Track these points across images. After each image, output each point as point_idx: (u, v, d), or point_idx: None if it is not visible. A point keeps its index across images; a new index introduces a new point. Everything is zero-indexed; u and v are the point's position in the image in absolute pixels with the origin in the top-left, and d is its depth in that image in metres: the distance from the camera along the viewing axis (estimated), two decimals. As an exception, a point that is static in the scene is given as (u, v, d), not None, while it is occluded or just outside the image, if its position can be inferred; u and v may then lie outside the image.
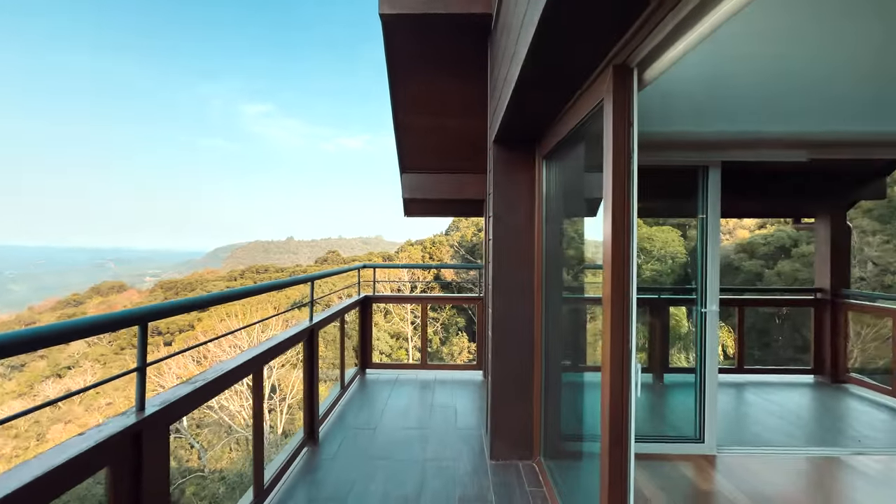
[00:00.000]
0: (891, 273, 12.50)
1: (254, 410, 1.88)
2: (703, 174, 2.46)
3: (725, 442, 2.57)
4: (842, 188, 3.82)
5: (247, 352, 1.89)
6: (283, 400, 15.62)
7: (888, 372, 3.38)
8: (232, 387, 2.86)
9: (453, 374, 4.08)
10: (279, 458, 2.28)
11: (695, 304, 2.52)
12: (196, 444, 15.63)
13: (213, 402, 14.00)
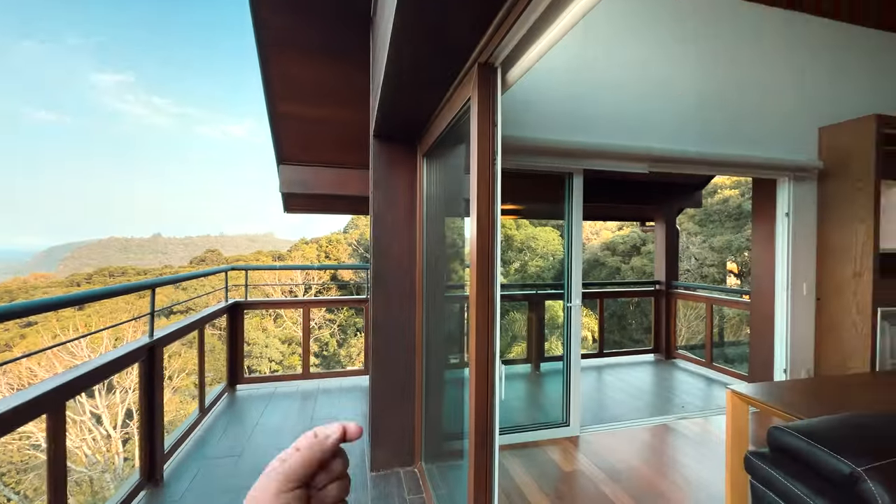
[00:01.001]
0: (706, 266, 15.74)
1: (48, 463, 1.44)
2: (569, 180, 2.68)
3: (587, 422, 2.87)
4: (673, 197, 4.61)
5: (35, 386, 1.43)
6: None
7: (703, 347, 4.18)
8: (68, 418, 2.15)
9: (340, 381, 3.84)
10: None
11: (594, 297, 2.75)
12: (15, 496, 12.32)
13: (41, 440, 11.14)
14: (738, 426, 1.67)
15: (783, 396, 1.71)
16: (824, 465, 1.16)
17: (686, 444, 2.59)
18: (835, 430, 1.24)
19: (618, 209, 5.34)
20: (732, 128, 2.90)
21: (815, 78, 3.10)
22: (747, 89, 2.94)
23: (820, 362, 3.01)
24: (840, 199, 2.91)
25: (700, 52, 2.84)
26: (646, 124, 2.76)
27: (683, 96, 2.81)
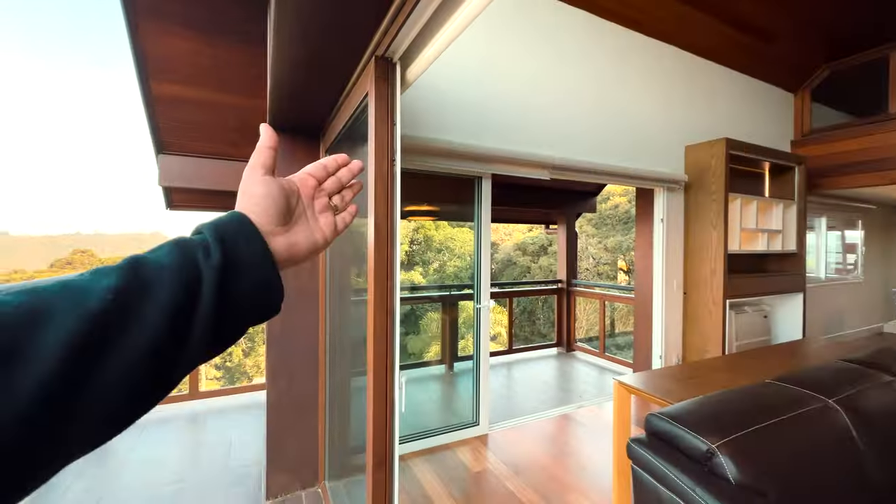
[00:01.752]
0: (602, 264, 17.60)
1: None
2: (478, 183, 2.74)
3: (496, 419, 2.96)
4: (572, 202, 5.02)
5: None
6: None
7: (598, 339, 4.62)
8: None
9: (237, 398, 3.45)
10: None
11: (505, 295, 2.79)
12: None
13: None
14: (623, 414, 1.84)
15: (659, 383, 1.93)
16: (688, 445, 1.30)
17: (583, 432, 2.80)
18: (695, 411, 1.41)
19: (526, 213, 5.66)
20: (620, 142, 3.24)
21: (681, 102, 3.60)
22: (632, 108, 3.30)
23: (686, 347, 3.51)
24: (700, 207, 3.42)
25: (593, 72, 3.11)
26: (548, 134, 2.93)
27: (580, 111, 3.06)
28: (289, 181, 0.41)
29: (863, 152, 4.07)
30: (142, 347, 0.27)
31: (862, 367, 1.97)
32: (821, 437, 1.43)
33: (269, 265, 0.35)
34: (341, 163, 0.46)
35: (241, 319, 0.34)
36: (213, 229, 0.34)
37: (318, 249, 0.42)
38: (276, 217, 0.38)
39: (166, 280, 0.29)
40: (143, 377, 0.27)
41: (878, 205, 6.13)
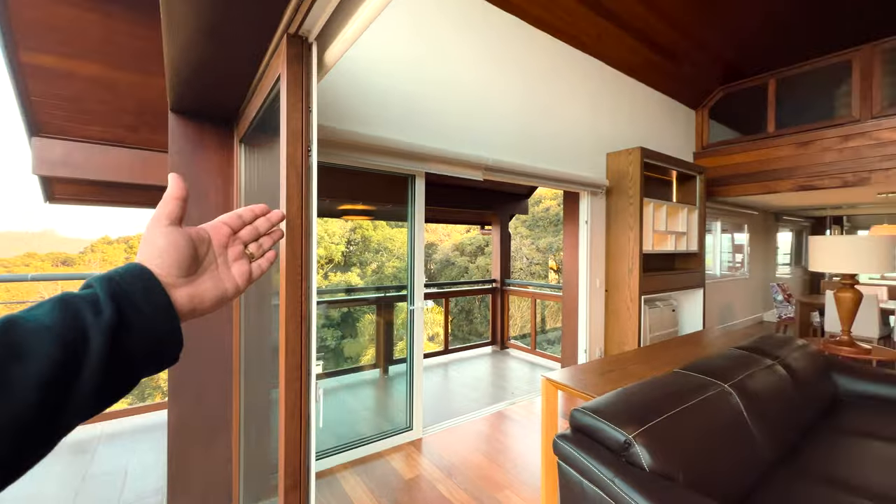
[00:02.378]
0: (534, 264, 18.46)
1: None
2: (412, 182, 2.67)
3: (431, 422, 2.91)
4: (506, 204, 5.17)
5: None
6: None
7: (529, 336, 4.79)
8: None
9: (132, 420, 3.02)
10: None
11: (441, 296, 2.72)
12: None
13: None
14: (551, 410, 1.88)
15: (583, 378, 2.02)
16: (608, 437, 1.35)
17: (515, 428, 2.86)
18: (614, 404, 1.47)
19: (461, 213, 5.72)
20: (549, 147, 3.37)
21: (604, 112, 3.86)
22: (559, 115, 3.46)
23: (608, 341, 3.76)
24: (619, 211, 3.68)
25: (524, 78, 3.21)
26: (482, 136, 2.96)
27: (512, 115, 3.13)
28: (199, 230, 0.40)
29: (748, 165, 4.68)
30: (7, 418, 0.25)
31: (750, 354, 2.22)
32: (719, 419, 1.58)
33: (170, 318, 0.35)
34: (259, 213, 0.45)
35: (135, 374, 0.33)
36: (106, 283, 0.32)
37: (226, 299, 0.41)
38: (179, 268, 0.37)
39: (44, 342, 0.28)
40: (10, 447, 0.26)
41: (759, 211, 7.12)
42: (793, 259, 8.93)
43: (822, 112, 6.55)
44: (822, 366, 2.45)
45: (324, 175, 2.95)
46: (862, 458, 1.72)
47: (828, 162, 4.08)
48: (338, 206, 4.50)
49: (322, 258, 15.34)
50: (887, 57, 3.91)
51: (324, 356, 7.77)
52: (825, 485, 1.54)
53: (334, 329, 9.14)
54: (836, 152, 4.03)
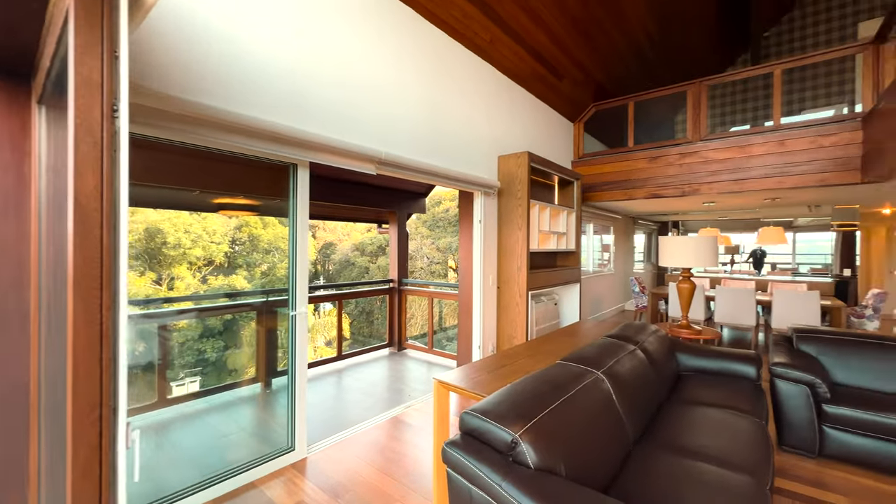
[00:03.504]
0: (435, 264, 18.79)
1: None
2: (293, 172, 2.38)
3: (318, 438, 2.65)
4: (403, 202, 5.07)
5: None
6: None
7: (426, 335, 4.76)
8: None
9: None
10: None
11: (333, 298, 2.42)
12: None
13: None
14: (443, 414, 1.82)
15: (474, 377, 2.00)
16: (496, 438, 1.32)
17: (411, 433, 2.76)
18: (502, 402, 1.46)
19: (357, 211, 5.45)
20: (445, 146, 3.36)
21: (496, 116, 4.01)
22: (456, 115, 3.47)
23: (499, 336, 3.91)
24: (509, 211, 3.85)
25: (422, 74, 3.13)
26: (376, 128, 2.80)
27: (409, 110, 3.03)
28: None
29: (614, 174, 5.35)
30: None
31: (617, 341, 2.47)
32: (595, 406, 1.68)
33: None
34: None
35: None
36: None
37: None
38: None
39: None
40: None
41: (622, 215, 8.26)
42: (646, 256, 10.62)
43: (667, 133, 7.87)
44: (669, 347, 2.86)
45: (188, 158, 2.46)
46: (694, 424, 2.01)
47: (671, 175, 4.87)
48: (212, 198, 3.87)
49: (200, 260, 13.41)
50: (711, 92, 4.82)
51: (202, 371, 6.72)
52: (672, 452, 1.75)
53: (215, 339, 7.97)
54: (676, 167, 4.83)
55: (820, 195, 5.03)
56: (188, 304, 7.79)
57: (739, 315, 4.98)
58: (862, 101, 3.99)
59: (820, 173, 4.03)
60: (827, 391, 2.39)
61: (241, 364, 6.41)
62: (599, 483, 1.45)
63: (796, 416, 2.46)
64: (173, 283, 12.83)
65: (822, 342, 2.80)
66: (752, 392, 2.44)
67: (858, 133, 3.82)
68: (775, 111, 4.35)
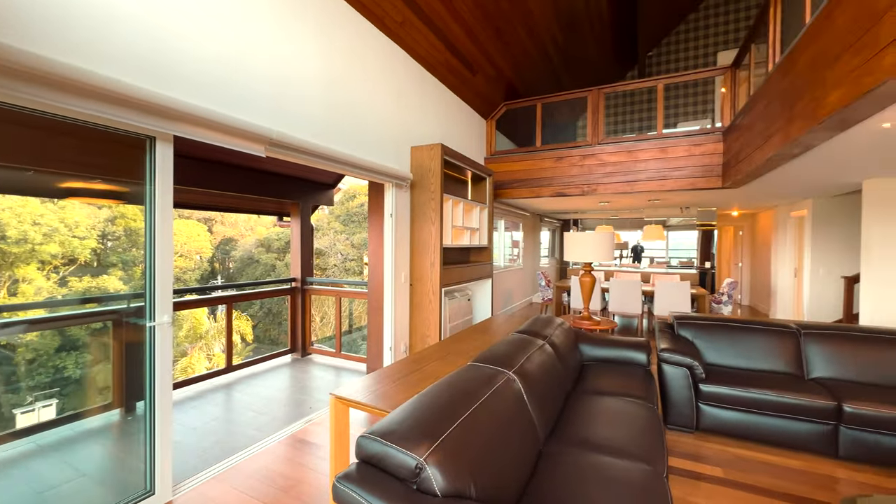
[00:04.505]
0: (349, 261, 18.02)
1: None
2: (151, 147, 1.90)
3: (191, 473, 2.19)
4: (308, 193, 4.61)
5: None
6: None
7: (334, 338, 4.40)
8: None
9: None
10: None
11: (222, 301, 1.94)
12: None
13: None
14: (341, 435, 1.58)
15: (379, 388, 1.79)
16: (399, 465, 1.13)
17: (312, 453, 2.44)
18: (405, 420, 1.27)
19: (251, 201, 4.82)
20: (353, 132, 3.06)
21: (409, 105, 3.81)
22: (366, 100, 3.18)
23: (412, 334, 3.74)
24: (422, 205, 3.69)
25: (329, 52, 2.79)
26: (268, 102, 2.40)
27: (311, 89, 2.67)
28: None
29: (522, 173, 5.52)
30: None
31: (527, 336, 2.46)
32: (507, 410, 1.58)
33: None
34: None
35: None
36: None
37: None
38: None
39: None
40: None
41: (530, 212, 8.69)
42: (550, 252, 11.39)
43: (570, 136, 8.45)
44: (573, 339, 2.97)
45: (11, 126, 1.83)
46: (597, 416, 2.05)
47: (573, 175, 5.18)
48: (59, 181, 3.04)
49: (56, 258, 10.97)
50: (607, 102, 5.21)
51: (59, 392, 5.35)
52: (579, 447, 1.74)
53: (78, 353, 6.49)
54: (578, 168, 5.15)
55: (690, 198, 5.79)
56: (41, 311, 6.23)
57: (629, 304, 5.52)
58: (722, 117, 4.65)
59: (691, 178, 4.60)
60: (702, 372, 2.67)
61: (94, 387, 5.32)
62: (512, 494, 1.35)
63: (679, 396, 2.71)
64: (16, 288, 10.29)
65: (696, 327, 3.15)
66: (644, 377, 2.62)
67: (720, 145, 4.43)
68: (658, 121, 4.86)
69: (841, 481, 2.17)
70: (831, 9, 1.94)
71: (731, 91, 4.37)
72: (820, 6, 2.09)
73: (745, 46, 3.92)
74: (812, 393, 2.45)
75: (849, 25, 1.77)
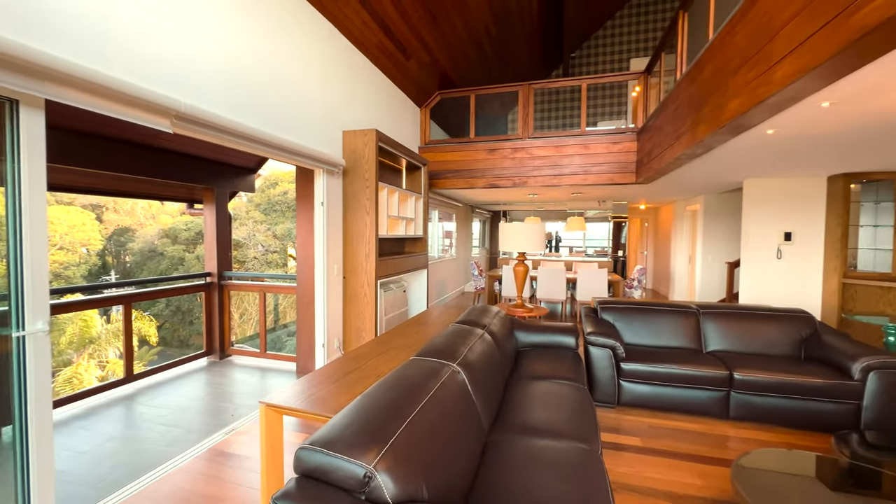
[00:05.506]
0: (271, 252, 16.79)
1: None
2: (14, 114, 1.52)
3: (83, 504, 1.85)
4: (224, 178, 4.13)
5: None
6: None
7: (259, 337, 4.04)
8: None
9: None
10: None
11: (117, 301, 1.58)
12: None
13: None
14: (274, 446, 1.42)
15: (317, 391, 1.65)
16: (345, 476, 1.04)
17: (236, 468, 2.21)
18: (349, 425, 1.17)
19: (160, 186, 4.21)
20: (278, 109, 2.77)
21: (341, 87, 3.56)
22: (293, 78, 2.90)
23: (346, 330, 3.57)
24: (356, 194, 3.51)
25: (253, 23, 2.46)
26: (175, 69, 2.06)
27: (230, 60, 2.34)
28: None
29: (457, 164, 5.54)
30: None
31: (467, 326, 2.46)
32: (453, 403, 1.55)
33: None
34: None
35: None
36: None
37: None
38: None
39: None
40: None
41: (463, 203, 8.80)
42: (481, 242, 11.70)
43: (501, 128, 8.66)
44: (509, 326, 3.06)
45: None
46: (535, 400, 2.13)
47: (506, 167, 5.32)
48: None
49: None
50: (536, 98, 5.41)
51: None
52: (520, 433, 1.78)
53: None
54: (510, 160, 5.30)
55: (608, 192, 6.29)
56: None
57: (555, 291, 5.87)
58: (635, 118, 5.09)
59: (610, 173, 4.98)
60: (623, 351, 2.92)
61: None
62: (462, 489, 1.33)
63: (603, 375, 2.93)
64: None
65: (616, 311, 3.44)
66: (573, 360, 2.78)
67: (635, 143, 4.85)
68: (582, 119, 5.17)
69: (731, 439, 2.53)
70: (733, 24, 2.18)
71: (644, 95, 4.79)
72: (723, 22, 2.34)
73: (657, 55, 4.30)
74: (709, 364, 2.80)
75: (748, 41, 2.00)
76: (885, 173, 4.08)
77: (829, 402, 2.54)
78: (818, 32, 1.43)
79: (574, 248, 12.82)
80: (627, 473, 2.15)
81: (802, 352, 2.99)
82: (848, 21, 1.25)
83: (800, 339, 3.04)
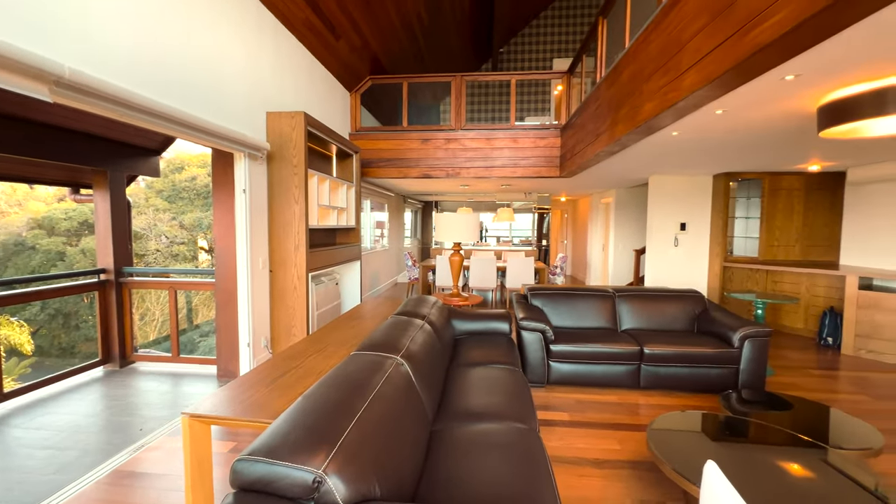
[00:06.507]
0: (177, 244, 15.03)
1: None
2: None
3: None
4: (122, 159, 3.57)
5: None
6: None
7: (169, 339, 3.61)
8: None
9: None
10: None
11: None
12: None
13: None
14: (201, 462, 1.28)
15: (249, 396, 1.52)
16: (292, 484, 0.97)
17: (148, 488, 1.96)
18: (293, 429, 1.10)
19: (35, 167, 3.50)
20: (192, 85, 2.44)
21: (266, 65, 3.26)
22: (208, 47, 2.56)
23: (274, 327, 3.34)
24: (283, 181, 3.27)
25: None
26: (60, 25, 1.71)
27: (126, 18, 1.99)
28: None
29: (389, 152, 5.43)
30: None
31: (407, 318, 2.44)
32: (399, 396, 1.54)
33: None
34: None
35: None
36: None
37: None
38: None
39: None
40: None
41: (395, 193, 8.67)
42: (412, 233, 11.67)
43: (435, 119, 8.65)
44: (447, 315, 3.10)
45: None
46: (474, 385, 2.19)
47: (439, 157, 5.33)
48: None
49: None
50: (467, 90, 5.48)
51: None
52: (463, 420, 1.83)
53: None
54: (443, 150, 5.32)
55: (534, 184, 6.64)
56: None
57: (487, 279, 6.08)
58: (558, 115, 5.40)
59: (536, 167, 5.25)
60: (552, 334, 3.13)
61: None
62: (412, 480, 1.32)
63: (534, 357, 3.12)
64: None
65: (544, 296, 3.66)
66: (507, 345, 2.91)
67: (559, 139, 5.16)
68: (511, 113, 5.36)
69: (643, 406, 2.86)
70: (648, 33, 2.40)
71: (567, 94, 5.10)
72: (639, 30, 2.56)
73: (579, 56, 4.59)
74: (624, 342, 3.12)
75: (660, 50, 2.22)
76: (755, 174, 4.86)
77: (717, 368, 2.99)
78: (719, 47, 1.63)
79: (501, 237, 13.37)
80: (559, 446, 2.32)
81: (696, 326, 3.47)
82: (744, 39, 1.44)
83: (694, 315, 3.52)
